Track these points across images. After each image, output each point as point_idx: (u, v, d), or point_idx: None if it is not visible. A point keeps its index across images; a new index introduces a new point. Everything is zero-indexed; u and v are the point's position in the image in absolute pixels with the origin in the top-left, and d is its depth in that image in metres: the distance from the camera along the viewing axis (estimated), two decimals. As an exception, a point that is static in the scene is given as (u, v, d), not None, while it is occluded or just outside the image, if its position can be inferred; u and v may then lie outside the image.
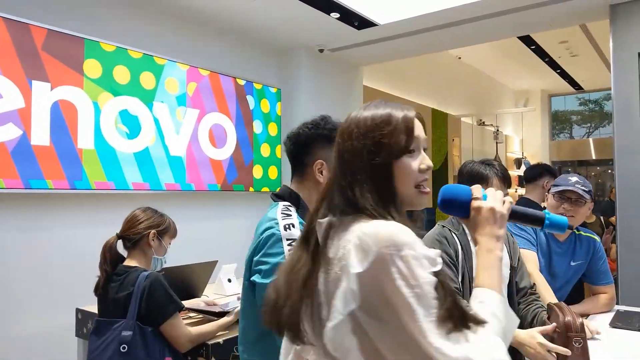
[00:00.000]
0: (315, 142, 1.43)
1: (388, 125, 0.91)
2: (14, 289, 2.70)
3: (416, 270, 0.78)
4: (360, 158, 0.90)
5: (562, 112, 11.10)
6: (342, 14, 3.57)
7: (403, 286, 0.77)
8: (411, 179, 0.92)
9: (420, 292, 0.77)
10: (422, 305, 0.77)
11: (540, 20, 3.87)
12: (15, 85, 2.64)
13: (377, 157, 0.89)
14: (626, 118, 3.40)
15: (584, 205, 2.04)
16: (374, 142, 0.90)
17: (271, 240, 1.32)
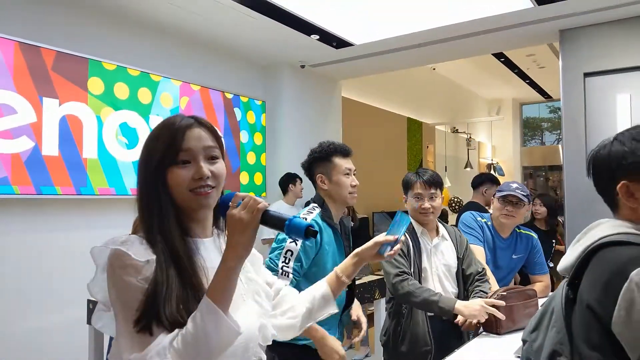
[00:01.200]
0: (313, 163, 2.02)
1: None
2: (28, 286, 2.98)
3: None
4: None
5: (532, 120, 11.63)
6: (321, 36, 3.94)
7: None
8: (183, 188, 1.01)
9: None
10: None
11: (500, 42, 4.29)
12: (28, 102, 2.93)
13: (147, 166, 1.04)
14: (573, 129, 3.80)
15: (523, 207, 2.45)
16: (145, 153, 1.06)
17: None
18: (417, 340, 2.09)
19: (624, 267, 0.94)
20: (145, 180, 1.05)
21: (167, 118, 1.09)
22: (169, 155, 1.02)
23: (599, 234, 1.08)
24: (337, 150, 2.01)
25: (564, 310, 1.10)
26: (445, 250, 2.24)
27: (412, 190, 2.24)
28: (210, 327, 0.88)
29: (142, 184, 1.06)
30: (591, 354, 0.99)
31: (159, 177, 1.03)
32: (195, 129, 1.06)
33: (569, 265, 1.13)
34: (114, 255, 0.96)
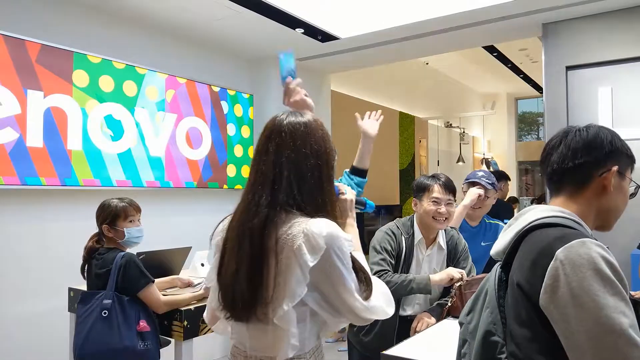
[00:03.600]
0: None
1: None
2: (11, 275, 3.04)
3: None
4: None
5: (528, 114, 11.64)
6: (306, 29, 3.97)
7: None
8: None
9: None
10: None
11: (486, 35, 4.32)
12: (13, 94, 2.97)
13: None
14: (555, 123, 3.83)
15: (489, 198, 2.49)
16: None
17: None
18: (384, 337, 2.13)
19: (550, 246, 1.00)
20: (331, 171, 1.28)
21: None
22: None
23: (530, 218, 1.13)
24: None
25: (497, 291, 1.14)
26: (437, 261, 2.28)
27: (428, 193, 2.20)
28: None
29: (329, 174, 1.26)
30: (521, 330, 1.04)
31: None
32: None
33: (502, 249, 1.18)
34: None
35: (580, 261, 0.94)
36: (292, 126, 1.20)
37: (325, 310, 1.15)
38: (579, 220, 1.11)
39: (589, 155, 1.14)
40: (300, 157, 1.17)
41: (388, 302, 1.20)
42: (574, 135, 1.17)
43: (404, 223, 2.30)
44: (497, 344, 1.09)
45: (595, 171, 1.13)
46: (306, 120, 1.23)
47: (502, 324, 1.10)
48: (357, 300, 1.12)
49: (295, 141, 1.17)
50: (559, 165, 1.17)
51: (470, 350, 1.17)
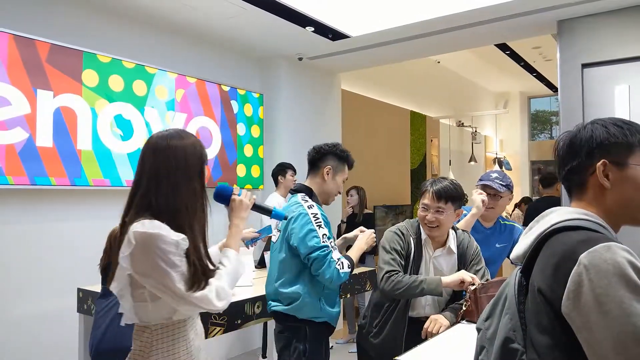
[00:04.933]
0: (330, 154, 2.20)
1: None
2: (20, 275, 3.04)
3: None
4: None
5: (542, 113, 11.50)
6: (316, 28, 3.94)
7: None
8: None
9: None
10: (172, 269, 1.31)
11: (499, 33, 4.25)
12: (23, 94, 2.97)
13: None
14: (571, 122, 3.75)
15: (502, 198, 2.43)
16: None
17: (301, 216, 2.06)
18: (394, 338, 2.10)
19: (573, 251, 0.95)
20: (198, 176, 1.46)
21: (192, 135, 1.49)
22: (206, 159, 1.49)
23: (551, 221, 1.08)
24: (350, 161, 2.27)
25: (517, 297, 1.09)
26: (445, 263, 2.23)
27: (422, 198, 2.19)
28: (238, 264, 1.50)
29: (193, 180, 1.43)
30: (542, 338, 0.99)
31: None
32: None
33: (522, 253, 1.13)
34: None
35: (605, 266, 0.89)
36: (154, 140, 1.41)
37: (164, 294, 1.34)
38: (603, 222, 1.06)
39: (573, 160, 1.10)
40: (157, 167, 1.38)
41: (219, 297, 1.37)
42: (564, 140, 1.14)
43: (412, 224, 2.27)
44: (517, 351, 1.04)
45: (583, 174, 1.09)
46: (172, 134, 1.43)
47: (523, 331, 1.05)
48: (177, 289, 1.30)
49: (154, 153, 1.39)
50: (558, 173, 1.16)
51: (488, 357, 1.13)
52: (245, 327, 2.48)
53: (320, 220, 2.06)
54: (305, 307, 2.09)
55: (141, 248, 1.29)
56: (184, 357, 1.43)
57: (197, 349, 1.49)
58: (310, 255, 2.01)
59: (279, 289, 2.11)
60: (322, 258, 2.00)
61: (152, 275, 1.30)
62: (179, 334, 1.42)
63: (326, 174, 2.17)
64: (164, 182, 1.35)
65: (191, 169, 1.39)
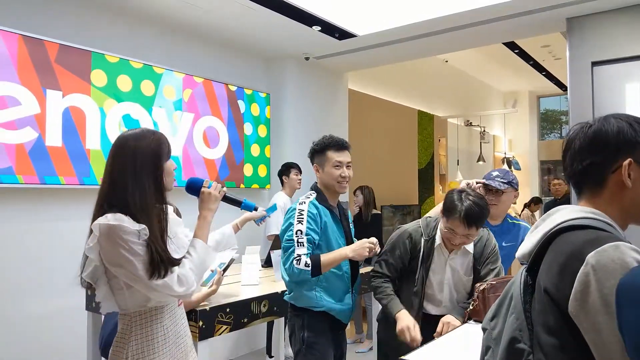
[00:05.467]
0: (313, 154, 2.33)
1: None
2: (28, 273, 3.06)
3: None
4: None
5: (551, 112, 11.40)
6: (323, 27, 3.93)
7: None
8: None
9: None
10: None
11: (507, 31, 4.22)
12: (32, 94, 3.00)
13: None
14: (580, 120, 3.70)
15: (503, 195, 2.42)
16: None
17: (289, 210, 2.22)
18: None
19: (581, 250, 0.93)
20: (152, 170, 1.52)
21: (154, 131, 1.59)
22: (168, 153, 1.57)
23: (558, 219, 1.07)
24: (331, 145, 2.29)
25: (523, 296, 1.08)
26: (460, 263, 2.22)
27: (451, 220, 2.04)
28: (206, 253, 1.58)
29: (142, 173, 1.50)
30: (548, 338, 0.98)
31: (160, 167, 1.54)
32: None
33: (527, 252, 1.12)
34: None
35: (613, 266, 0.88)
36: (116, 141, 1.53)
37: (134, 282, 1.43)
38: (611, 222, 1.04)
39: (595, 155, 1.05)
40: (118, 165, 1.48)
41: (180, 283, 1.46)
42: (580, 133, 1.09)
43: (428, 223, 2.26)
44: (523, 351, 1.03)
45: (606, 170, 1.05)
46: (128, 134, 1.53)
47: (529, 331, 1.04)
48: (141, 277, 1.40)
49: (120, 153, 1.49)
50: (571, 167, 1.10)
51: (494, 357, 1.12)
52: (252, 325, 2.48)
53: (302, 217, 2.14)
54: (301, 296, 2.19)
55: (105, 239, 1.39)
56: (160, 342, 1.53)
57: (175, 334, 1.58)
58: (283, 245, 2.14)
59: (283, 277, 2.24)
60: (286, 249, 2.12)
61: (121, 265, 1.40)
62: (155, 321, 1.53)
63: (316, 171, 2.32)
64: (119, 180, 1.46)
65: (144, 168, 1.47)
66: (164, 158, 1.53)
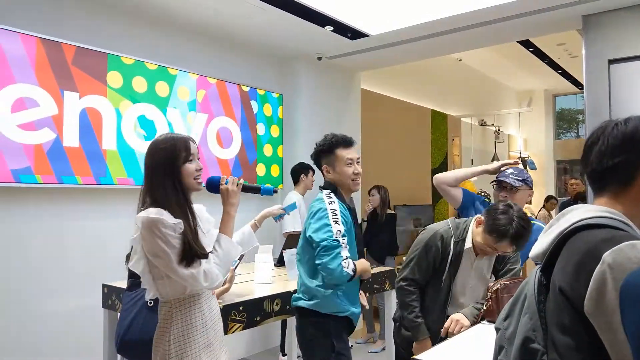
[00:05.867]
0: (320, 155, 2.25)
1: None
2: (46, 271, 3.12)
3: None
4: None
5: (567, 111, 11.26)
6: (335, 27, 3.94)
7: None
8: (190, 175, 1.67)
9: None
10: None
11: (522, 29, 4.18)
12: (50, 95, 3.05)
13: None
14: (597, 120, 3.67)
15: (518, 192, 2.40)
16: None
17: (320, 211, 2.11)
18: (434, 335, 2.13)
19: (596, 249, 0.92)
20: (171, 173, 1.66)
21: (175, 135, 1.73)
22: (186, 155, 1.67)
23: (573, 219, 1.06)
24: (339, 142, 2.21)
25: (537, 296, 1.08)
26: (485, 264, 2.21)
27: (495, 240, 2.01)
28: (230, 247, 1.69)
29: (167, 176, 1.65)
30: (563, 338, 0.97)
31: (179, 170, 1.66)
32: (192, 142, 1.71)
33: (542, 252, 1.11)
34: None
35: (629, 265, 0.87)
36: (149, 145, 1.70)
37: (169, 272, 1.57)
38: (627, 221, 1.03)
39: (629, 152, 1.04)
40: (147, 166, 1.66)
41: (206, 278, 1.58)
42: (612, 130, 1.07)
43: (458, 225, 2.20)
44: (537, 351, 1.03)
45: (635, 169, 1.04)
46: (155, 139, 1.70)
47: (543, 331, 1.04)
48: (174, 268, 1.54)
49: (147, 155, 1.68)
50: (597, 164, 1.08)
51: (507, 357, 1.11)
52: (264, 324, 2.50)
53: (337, 217, 2.07)
54: (327, 302, 2.11)
55: (146, 231, 1.53)
56: (200, 327, 1.66)
57: (211, 320, 1.71)
58: (320, 243, 2.03)
59: (304, 283, 2.18)
60: (331, 249, 2.01)
61: (159, 255, 1.53)
62: (194, 307, 1.66)
63: (326, 172, 2.24)
64: (150, 179, 1.64)
65: (164, 169, 1.63)
66: (179, 160, 1.64)
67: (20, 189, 2.99)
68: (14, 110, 2.89)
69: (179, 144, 1.67)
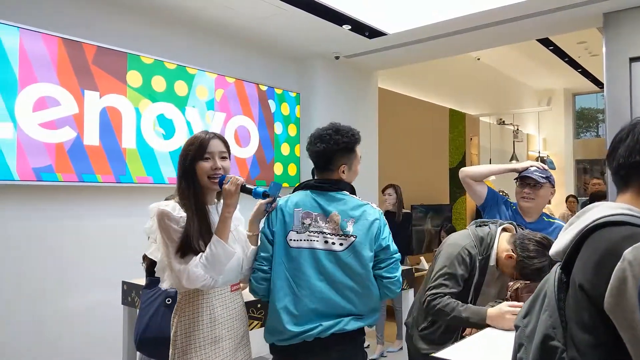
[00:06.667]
0: (338, 153, 1.94)
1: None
2: (67, 269, 3.18)
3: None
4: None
5: (587, 110, 11.08)
6: (353, 26, 3.93)
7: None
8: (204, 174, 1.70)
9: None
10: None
11: (542, 27, 4.13)
12: (71, 94, 3.11)
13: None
14: (618, 119, 3.61)
15: (542, 189, 2.37)
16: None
17: (384, 220, 1.94)
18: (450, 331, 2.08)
19: (617, 246, 0.92)
20: (183, 169, 1.72)
21: (197, 134, 1.78)
22: (199, 154, 1.70)
23: (593, 216, 1.05)
24: (359, 140, 2.02)
25: (557, 293, 1.07)
26: (508, 277, 2.15)
27: (527, 275, 1.94)
28: (220, 250, 1.62)
29: (181, 172, 1.73)
30: (583, 335, 0.97)
31: (192, 167, 1.70)
32: (213, 140, 1.74)
33: (562, 249, 1.10)
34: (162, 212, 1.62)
35: None
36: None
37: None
38: None
39: None
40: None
41: (188, 280, 1.58)
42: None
43: (482, 239, 2.04)
44: (557, 349, 1.02)
45: None
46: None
47: (563, 328, 1.03)
48: (171, 260, 1.60)
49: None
50: (625, 159, 1.07)
51: (526, 355, 1.10)
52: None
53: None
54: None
55: (157, 221, 1.61)
56: (207, 322, 1.66)
57: (226, 318, 1.71)
58: (394, 255, 1.91)
59: (364, 298, 1.89)
60: (395, 261, 1.92)
61: (165, 245, 1.61)
62: (202, 300, 1.67)
63: (341, 173, 1.95)
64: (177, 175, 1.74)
65: (181, 166, 1.72)
66: (188, 158, 1.70)
67: (41, 187, 3.05)
68: (36, 109, 2.95)
69: (195, 142, 1.71)
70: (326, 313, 1.82)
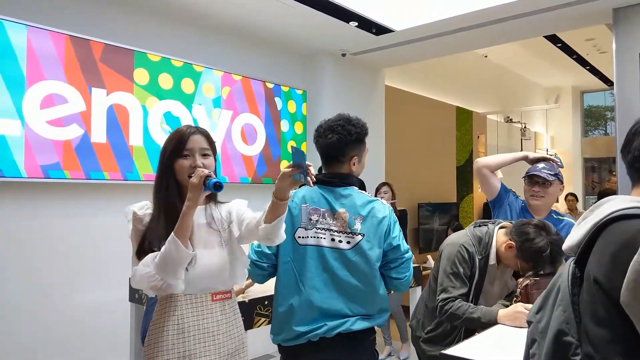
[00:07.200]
0: (350, 144, 1.86)
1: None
2: (74, 266, 3.18)
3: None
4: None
5: (595, 108, 10.99)
6: (360, 23, 3.92)
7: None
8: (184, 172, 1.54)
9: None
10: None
11: (550, 23, 4.10)
12: (78, 92, 3.11)
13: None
14: (628, 116, 3.57)
15: (551, 187, 2.34)
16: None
17: (393, 217, 1.87)
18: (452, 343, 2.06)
19: (634, 239, 0.90)
20: (161, 166, 1.60)
21: (178, 127, 1.63)
22: (177, 150, 1.55)
23: (608, 210, 1.03)
24: (368, 132, 1.93)
25: (570, 288, 1.05)
26: (508, 273, 2.16)
27: (538, 269, 1.94)
28: (172, 249, 1.42)
29: (159, 169, 1.62)
30: (598, 330, 0.95)
31: (171, 164, 1.57)
32: (194, 135, 1.57)
33: (576, 244, 1.09)
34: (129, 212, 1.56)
35: None
36: None
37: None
38: None
39: None
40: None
41: (134, 281, 1.48)
42: None
43: (480, 239, 2.04)
44: (571, 344, 1.00)
45: None
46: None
47: (577, 323, 1.01)
48: (133, 259, 1.52)
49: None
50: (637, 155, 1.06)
51: (540, 350, 1.09)
52: (289, 319, 2.50)
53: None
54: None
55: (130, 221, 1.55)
56: (173, 334, 1.48)
57: (199, 330, 1.50)
58: (405, 255, 1.86)
59: (371, 298, 1.84)
60: (409, 260, 1.88)
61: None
62: (169, 308, 1.50)
63: (352, 165, 1.90)
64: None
65: (158, 164, 1.62)
66: (166, 155, 1.57)
67: (49, 185, 3.05)
68: (43, 106, 2.96)
69: (175, 137, 1.56)
70: (331, 312, 1.77)
